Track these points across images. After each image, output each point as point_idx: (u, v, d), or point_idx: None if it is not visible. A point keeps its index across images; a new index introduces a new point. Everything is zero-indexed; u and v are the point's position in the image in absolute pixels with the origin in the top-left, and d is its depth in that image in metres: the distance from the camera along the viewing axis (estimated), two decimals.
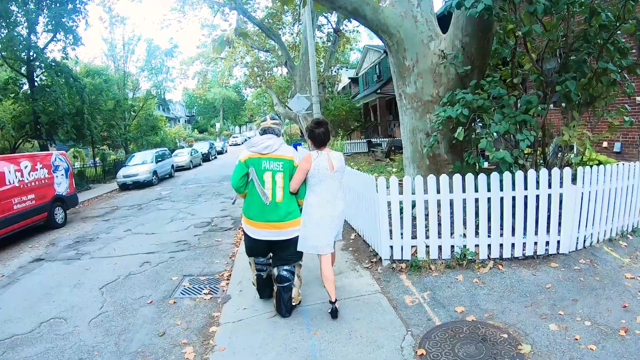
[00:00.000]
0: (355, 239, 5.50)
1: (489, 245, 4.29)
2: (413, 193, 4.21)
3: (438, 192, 4.18)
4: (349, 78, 31.66)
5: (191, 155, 24.18)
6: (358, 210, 5.46)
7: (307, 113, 13.07)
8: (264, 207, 3.31)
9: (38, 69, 16.80)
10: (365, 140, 18.55)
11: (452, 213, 4.26)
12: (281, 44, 16.98)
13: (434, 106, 5.40)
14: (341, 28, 22.40)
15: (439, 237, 4.29)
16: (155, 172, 16.99)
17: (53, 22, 17.27)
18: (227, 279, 4.91)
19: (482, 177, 4.12)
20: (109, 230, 8.69)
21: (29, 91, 16.81)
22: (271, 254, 3.63)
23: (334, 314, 3.38)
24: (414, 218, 4.32)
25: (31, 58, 16.31)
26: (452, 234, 4.30)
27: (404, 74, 5.56)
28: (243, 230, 3.67)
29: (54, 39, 17.96)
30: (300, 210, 3.44)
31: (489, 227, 4.25)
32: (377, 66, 24.87)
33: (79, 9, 18.09)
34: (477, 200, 4.19)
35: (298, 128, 41.66)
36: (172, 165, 19.87)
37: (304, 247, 3.40)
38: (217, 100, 59.16)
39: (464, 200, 4.18)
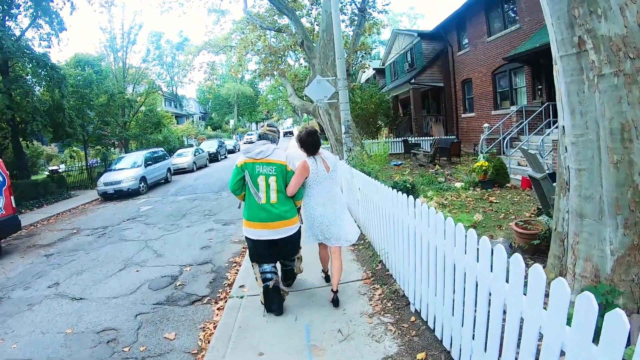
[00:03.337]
0: None
1: None
2: None
3: None
4: (374, 69, 28.06)
5: (195, 155, 21.20)
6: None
7: (331, 103, 9.77)
8: (260, 208, 3.36)
9: (11, 58, 14.03)
10: (400, 140, 15.14)
11: None
12: (296, 19, 13.68)
13: None
14: (367, 8, 18.96)
15: None
16: (143, 179, 13.98)
17: (32, 4, 14.56)
18: None
19: None
20: (31, 283, 5.67)
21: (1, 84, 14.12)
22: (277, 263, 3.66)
23: (328, 279, 3.90)
24: None
25: (4, 45, 13.56)
26: None
27: None
28: (245, 237, 3.54)
29: (34, 24, 15.26)
30: (297, 210, 3.53)
31: None
32: (408, 53, 21.30)
33: None
34: None
35: (316, 124, 38.04)
36: (169, 169, 16.87)
37: (307, 240, 3.63)
38: (232, 96, 56.33)
39: None
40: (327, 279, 3.92)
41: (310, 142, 3.46)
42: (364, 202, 4.83)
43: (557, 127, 9.24)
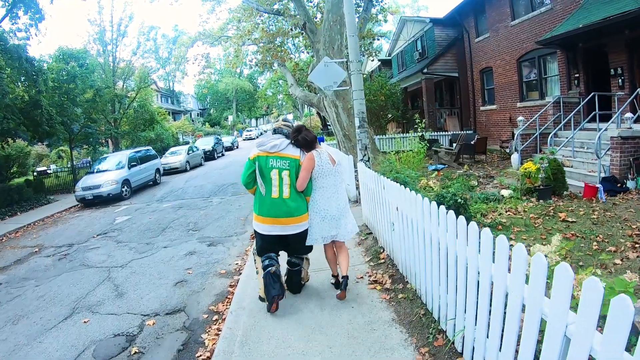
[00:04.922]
0: None
1: None
2: None
3: None
4: (379, 60, 26.44)
5: (188, 154, 19.66)
6: None
7: (338, 93, 8.23)
8: (271, 203, 3.31)
9: None
10: (414, 135, 13.57)
11: None
12: None
13: None
14: None
15: None
16: (126, 182, 12.46)
17: None
18: None
19: None
20: None
21: None
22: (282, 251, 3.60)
23: (337, 285, 3.59)
24: None
25: None
26: None
27: None
28: (254, 230, 3.49)
29: (11, 13, 13.69)
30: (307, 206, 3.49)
31: None
32: (418, 41, 19.68)
33: None
34: None
35: (318, 119, 36.03)
36: (158, 169, 15.31)
37: (314, 240, 3.46)
38: (230, 92, 54.58)
39: None
40: (337, 285, 3.61)
41: (305, 138, 3.39)
42: (405, 231, 3.29)
43: (613, 122, 7.69)
